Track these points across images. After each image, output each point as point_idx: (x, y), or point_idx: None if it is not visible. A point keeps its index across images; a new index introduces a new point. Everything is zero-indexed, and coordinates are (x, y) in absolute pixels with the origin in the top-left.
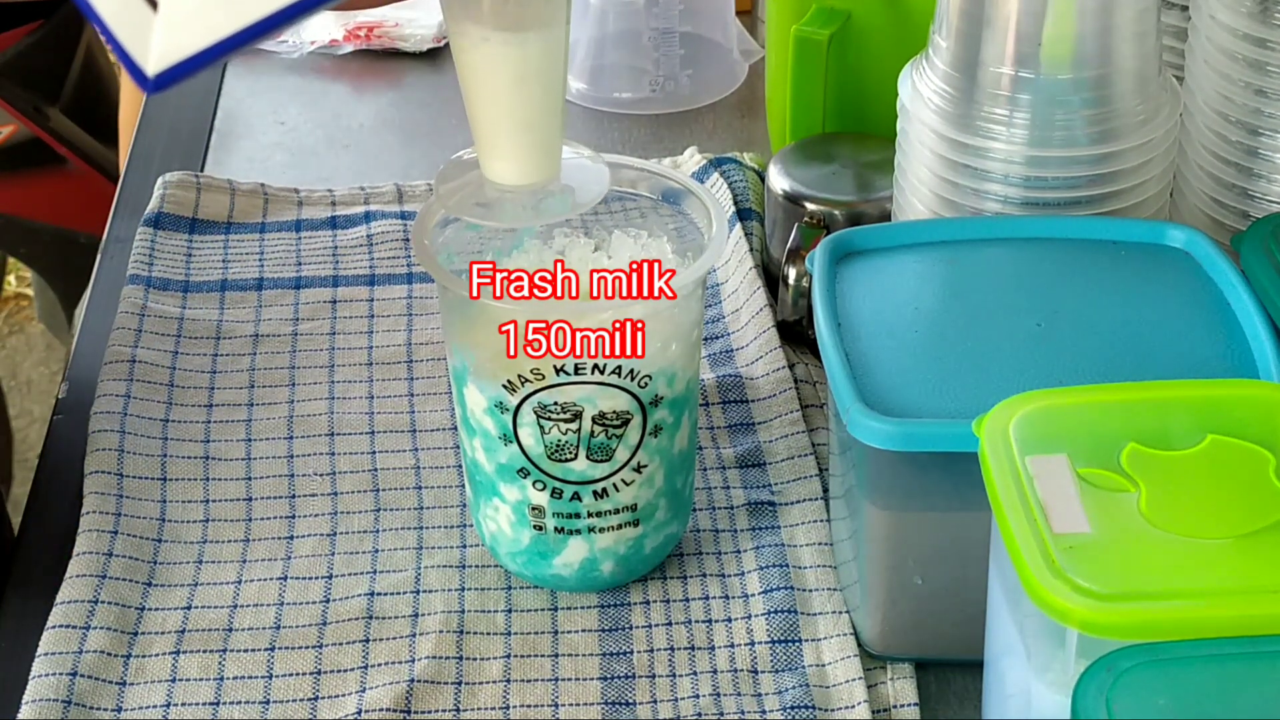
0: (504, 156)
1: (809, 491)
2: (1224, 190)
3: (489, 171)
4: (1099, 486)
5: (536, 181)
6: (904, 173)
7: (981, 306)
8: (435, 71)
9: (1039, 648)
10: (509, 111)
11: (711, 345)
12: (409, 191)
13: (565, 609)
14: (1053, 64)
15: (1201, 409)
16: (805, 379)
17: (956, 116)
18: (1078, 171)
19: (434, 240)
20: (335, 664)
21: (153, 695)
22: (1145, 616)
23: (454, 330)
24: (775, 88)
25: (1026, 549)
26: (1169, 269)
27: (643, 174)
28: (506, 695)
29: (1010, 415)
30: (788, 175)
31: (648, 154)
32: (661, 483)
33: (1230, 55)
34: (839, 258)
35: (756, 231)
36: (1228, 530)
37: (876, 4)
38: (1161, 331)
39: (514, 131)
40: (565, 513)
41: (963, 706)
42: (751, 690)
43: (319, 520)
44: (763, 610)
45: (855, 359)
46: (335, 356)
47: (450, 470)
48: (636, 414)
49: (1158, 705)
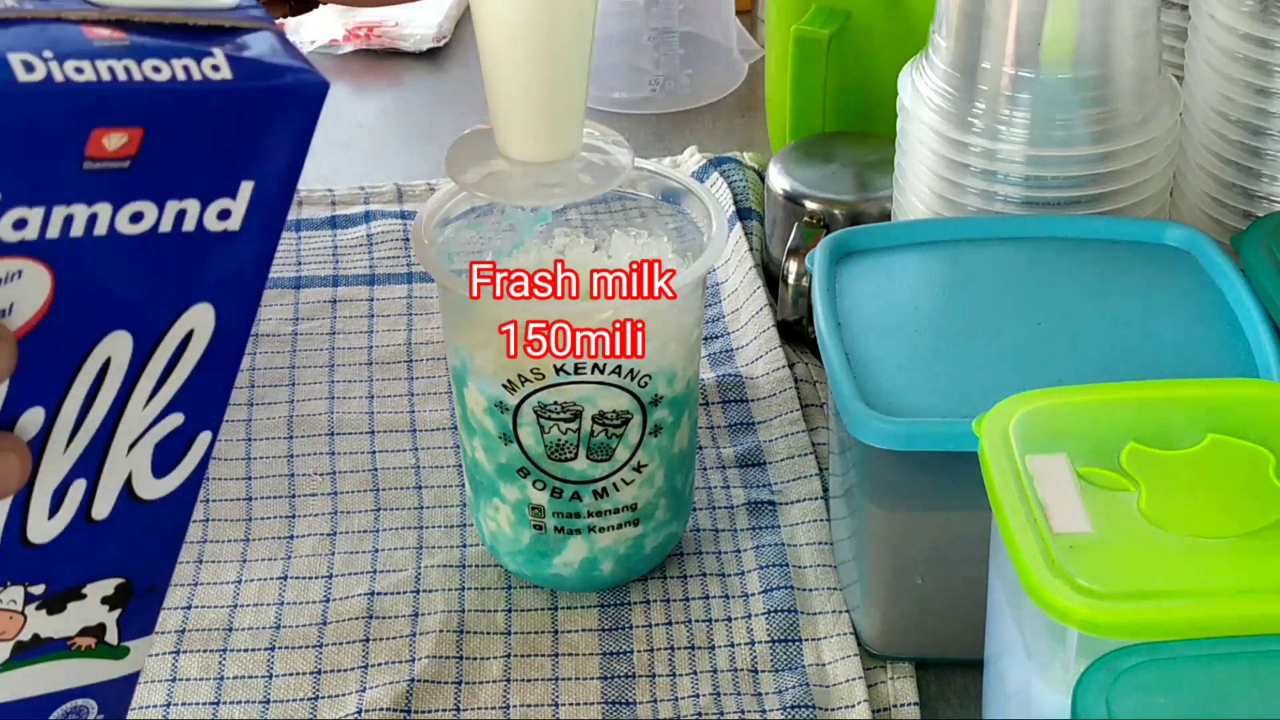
0: (524, 127)
1: (809, 491)
2: (1224, 190)
3: (506, 147)
4: (1099, 486)
5: (556, 156)
6: (904, 172)
7: (981, 306)
8: (435, 71)
9: (1039, 647)
10: (533, 68)
11: (711, 345)
12: (409, 191)
13: (565, 609)
14: (1053, 64)
15: (1201, 409)
16: (805, 379)
17: (956, 116)
18: (1078, 171)
19: (434, 240)
20: (335, 664)
21: (153, 695)
22: (1145, 616)
23: (454, 330)
24: (775, 88)
25: (1026, 549)
26: (1169, 269)
27: (643, 174)
28: (506, 695)
29: (1010, 415)
30: (788, 175)
31: (648, 154)
32: (661, 482)
33: (1230, 55)
34: (839, 257)
35: (756, 231)
36: (1228, 530)
37: (876, 4)
38: (1161, 331)
39: (535, 93)
40: (565, 512)
41: (963, 706)
42: (752, 690)
43: (319, 520)
44: (763, 610)
45: (855, 358)
46: (335, 356)
47: (450, 470)
48: (636, 413)
49: (1158, 705)
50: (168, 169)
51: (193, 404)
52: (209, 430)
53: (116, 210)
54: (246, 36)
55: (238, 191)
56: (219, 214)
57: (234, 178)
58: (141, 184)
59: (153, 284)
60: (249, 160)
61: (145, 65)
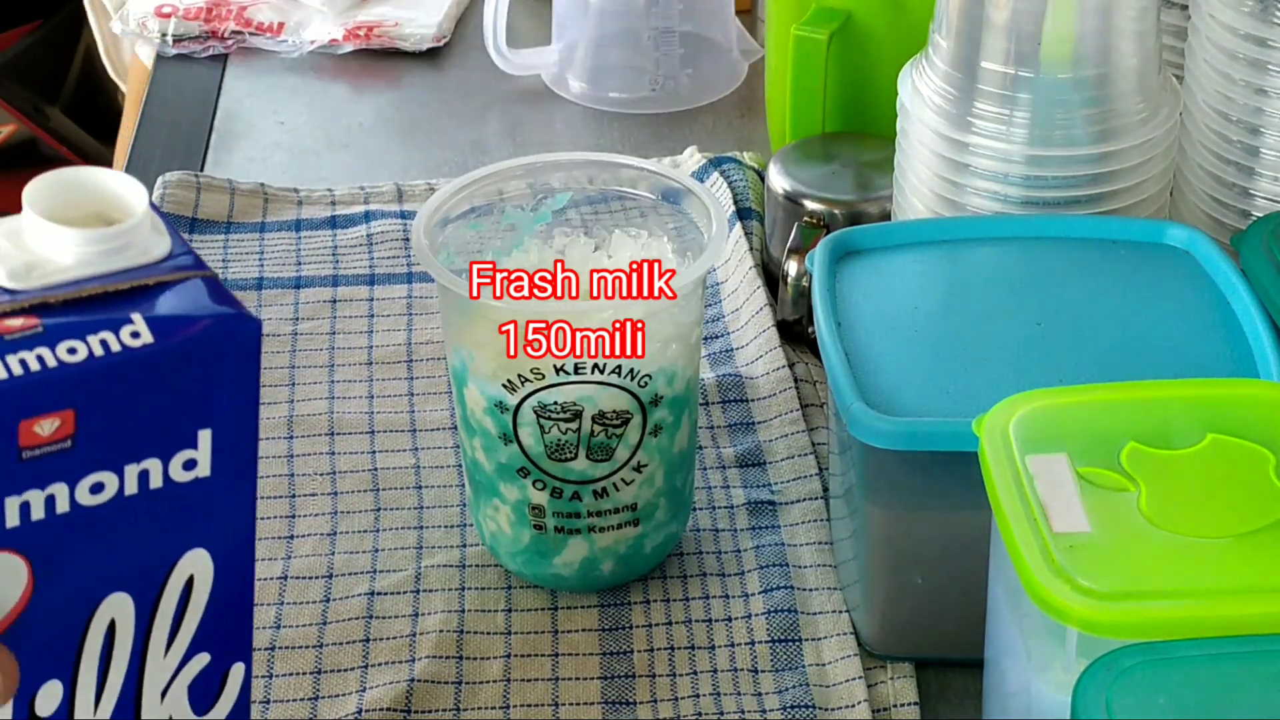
0: None
1: (809, 491)
2: (1224, 190)
3: None
4: (1099, 486)
5: None
6: (904, 172)
7: (981, 306)
8: (435, 71)
9: (1039, 647)
10: None
11: (711, 345)
12: (409, 191)
13: (565, 609)
14: (1052, 63)
15: (1201, 408)
16: (805, 379)
17: (956, 116)
18: (1078, 171)
19: (434, 240)
20: (335, 664)
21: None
22: (1145, 616)
23: (454, 330)
24: (775, 87)
25: (1026, 549)
26: (1169, 269)
27: (643, 174)
28: (506, 695)
29: (1010, 415)
30: (788, 175)
31: (648, 154)
32: (661, 482)
33: (1230, 55)
34: (839, 257)
35: (756, 231)
36: (1228, 530)
37: (876, 4)
38: (1161, 331)
39: None
40: (565, 512)
41: (963, 706)
42: (752, 690)
43: (319, 520)
44: (763, 610)
45: (855, 358)
46: (335, 356)
47: (450, 470)
48: (636, 413)
49: (1158, 705)
50: (114, 437)
51: (215, 642)
52: (241, 661)
53: (74, 487)
54: (171, 290)
55: (197, 440)
56: (184, 465)
57: (188, 428)
58: (91, 458)
59: (135, 544)
60: (198, 410)
61: (60, 349)
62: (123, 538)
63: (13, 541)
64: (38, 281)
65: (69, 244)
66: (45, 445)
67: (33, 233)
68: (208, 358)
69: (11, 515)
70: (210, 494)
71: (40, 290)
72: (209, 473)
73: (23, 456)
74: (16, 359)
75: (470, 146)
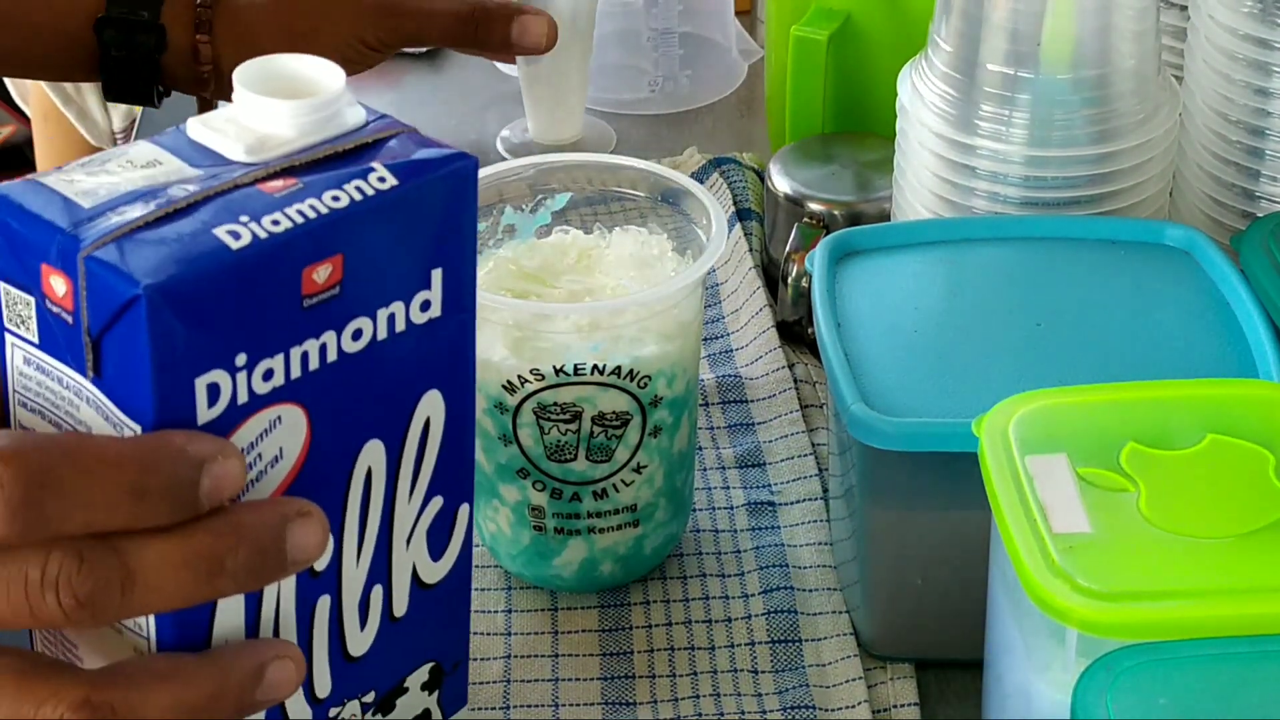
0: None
1: (809, 491)
2: (1224, 190)
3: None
4: (1099, 486)
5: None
6: (903, 173)
7: (981, 306)
8: (435, 71)
9: (1039, 648)
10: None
11: (711, 345)
12: None
13: (565, 609)
14: (1052, 64)
15: (1201, 409)
16: (805, 379)
17: (956, 116)
18: (1077, 171)
19: None
20: None
21: None
22: (1145, 616)
23: None
24: (775, 88)
25: (1026, 549)
26: (1169, 269)
27: (643, 174)
28: (506, 695)
29: (1010, 415)
30: (788, 175)
31: (647, 154)
32: (661, 483)
33: (1230, 55)
34: (839, 258)
35: (756, 231)
36: (1228, 530)
37: (876, 4)
38: (1161, 331)
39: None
40: (565, 513)
41: (963, 706)
42: (752, 690)
43: None
44: (763, 610)
45: (855, 359)
46: None
47: None
48: (636, 414)
49: (1158, 705)
50: (371, 282)
51: (447, 484)
52: (466, 502)
53: (340, 334)
54: (389, 144)
55: (431, 281)
56: (421, 306)
57: (425, 269)
58: (354, 303)
59: (385, 389)
60: (434, 249)
61: (325, 198)
62: (376, 384)
63: (294, 393)
64: (274, 152)
65: (287, 117)
66: (321, 293)
67: (250, 113)
68: (447, 194)
69: (295, 366)
70: (443, 333)
71: (283, 157)
72: (440, 313)
73: (304, 305)
74: (293, 210)
75: (470, 147)
